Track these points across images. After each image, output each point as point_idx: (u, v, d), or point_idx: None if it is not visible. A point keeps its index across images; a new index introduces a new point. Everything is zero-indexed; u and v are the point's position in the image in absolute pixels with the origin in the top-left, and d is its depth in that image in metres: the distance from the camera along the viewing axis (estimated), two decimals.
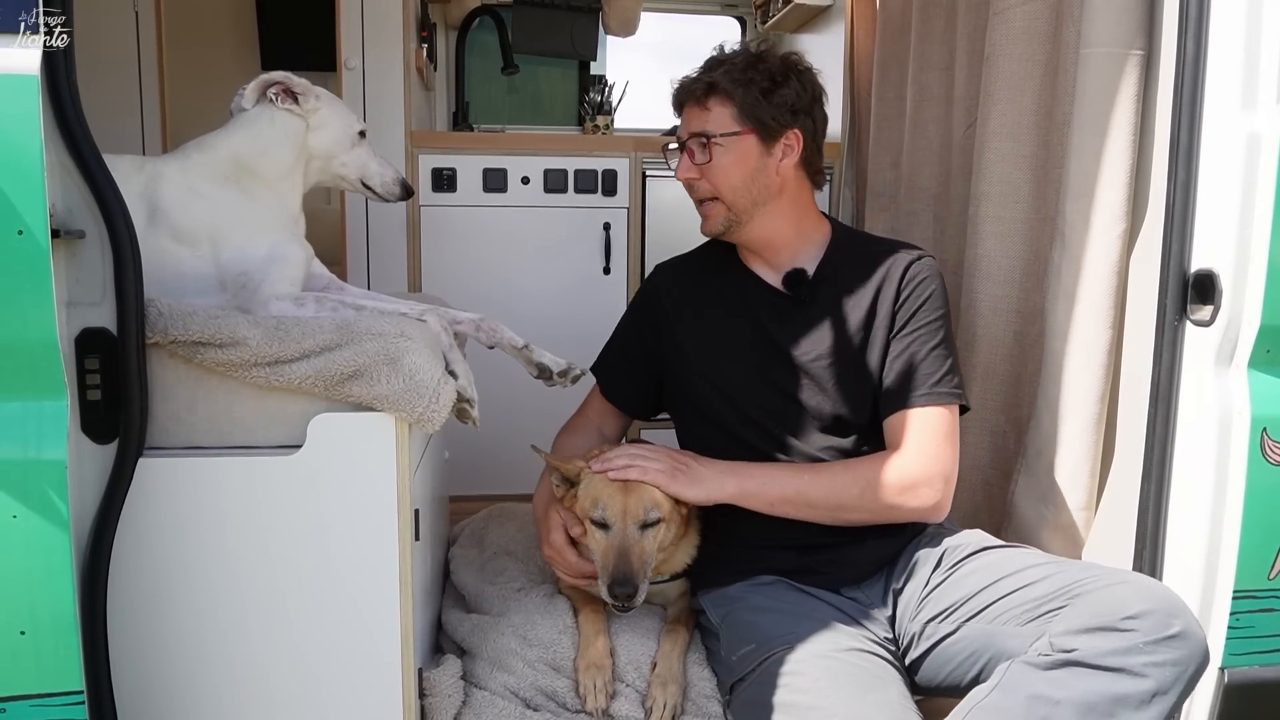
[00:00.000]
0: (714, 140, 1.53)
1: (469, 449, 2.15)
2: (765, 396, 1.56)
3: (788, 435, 1.55)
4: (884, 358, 1.54)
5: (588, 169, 2.63)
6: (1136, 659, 1.16)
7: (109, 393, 1.19)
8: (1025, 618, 1.29)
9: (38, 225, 1.07)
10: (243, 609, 1.29)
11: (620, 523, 1.43)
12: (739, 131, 1.53)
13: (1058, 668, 1.18)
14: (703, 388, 1.60)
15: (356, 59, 2.51)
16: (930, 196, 2.15)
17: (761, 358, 1.57)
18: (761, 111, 1.52)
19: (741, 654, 1.39)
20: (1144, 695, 1.16)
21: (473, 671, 1.48)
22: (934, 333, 1.54)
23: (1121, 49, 1.51)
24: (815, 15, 2.96)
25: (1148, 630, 1.16)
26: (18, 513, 1.11)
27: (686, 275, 1.70)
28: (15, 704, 1.14)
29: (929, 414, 1.50)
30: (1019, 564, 1.38)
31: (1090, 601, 1.22)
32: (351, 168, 1.60)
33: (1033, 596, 1.30)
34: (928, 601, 1.43)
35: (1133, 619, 1.17)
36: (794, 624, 1.38)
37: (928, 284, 1.56)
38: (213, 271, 1.41)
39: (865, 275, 1.57)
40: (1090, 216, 1.55)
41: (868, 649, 1.35)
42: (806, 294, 1.58)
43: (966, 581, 1.40)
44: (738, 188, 1.54)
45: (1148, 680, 1.15)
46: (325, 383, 1.26)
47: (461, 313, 1.57)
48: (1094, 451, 1.59)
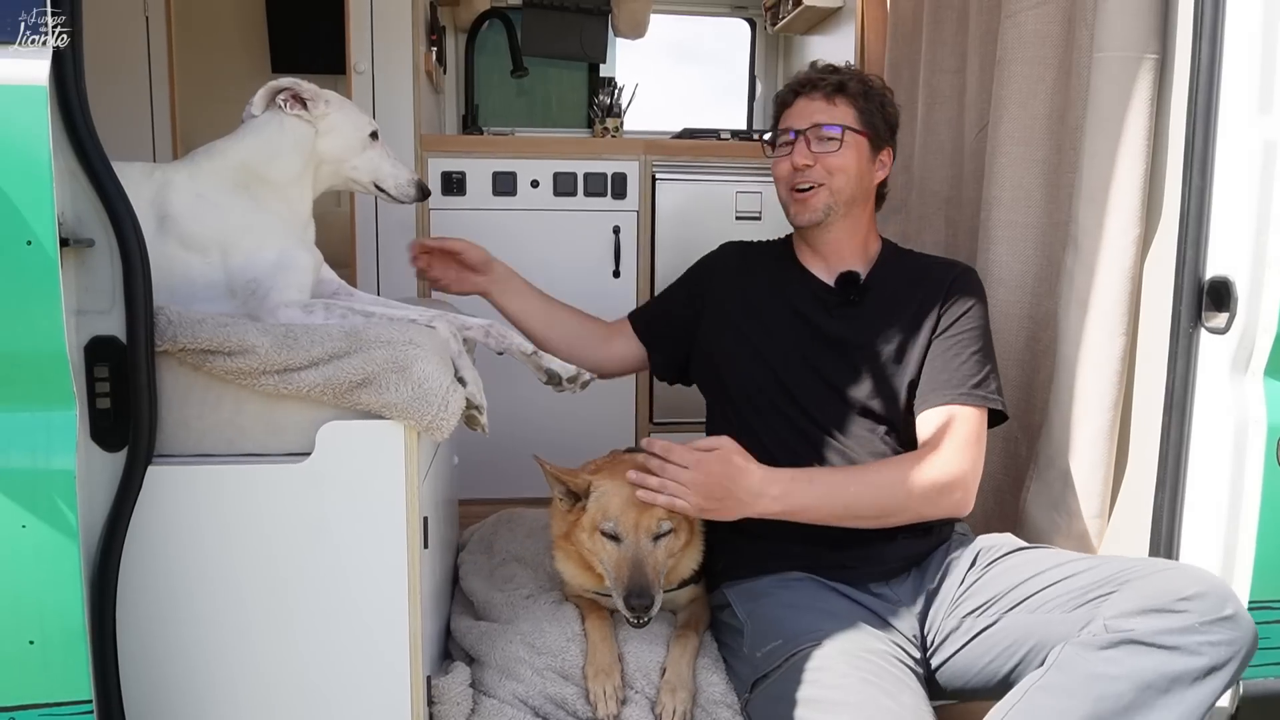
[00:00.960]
0: (847, 130, 1.61)
1: (478, 453, 2.14)
2: (805, 380, 1.60)
3: (822, 420, 1.58)
4: (924, 356, 1.58)
5: (597, 172, 2.62)
6: (1192, 638, 1.18)
7: (118, 401, 1.18)
8: (1071, 605, 1.31)
9: (46, 235, 1.07)
10: (252, 617, 1.28)
11: (633, 535, 1.42)
12: (860, 131, 1.63)
13: (1114, 646, 1.20)
14: (745, 364, 1.64)
15: (366, 62, 2.51)
16: (942, 201, 2.14)
17: (807, 345, 1.62)
18: (877, 121, 1.65)
19: (767, 650, 1.39)
20: (1199, 671, 1.18)
21: (482, 679, 1.47)
22: (974, 339, 1.58)
23: (1135, 53, 1.50)
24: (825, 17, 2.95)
25: (1202, 611, 1.19)
26: (27, 522, 1.11)
27: (747, 258, 1.78)
28: (24, 713, 1.14)
29: (962, 414, 1.53)
30: (1058, 559, 1.42)
31: (1141, 586, 1.25)
32: (363, 171, 1.59)
33: (1078, 585, 1.33)
34: (965, 597, 1.45)
35: (1187, 600, 1.20)
36: (821, 621, 1.38)
37: (971, 293, 1.62)
38: (222, 279, 1.41)
39: (913, 282, 1.64)
40: (1104, 222, 1.54)
41: (892, 652, 1.35)
42: (857, 295, 1.64)
43: (1005, 576, 1.43)
44: (851, 178, 1.63)
45: (1203, 657, 1.18)
46: (334, 391, 1.26)
47: (470, 318, 1.57)
48: (1107, 459, 1.58)
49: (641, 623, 1.39)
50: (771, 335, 1.64)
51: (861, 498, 1.46)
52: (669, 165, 2.67)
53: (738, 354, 1.66)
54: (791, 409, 1.59)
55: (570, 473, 1.51)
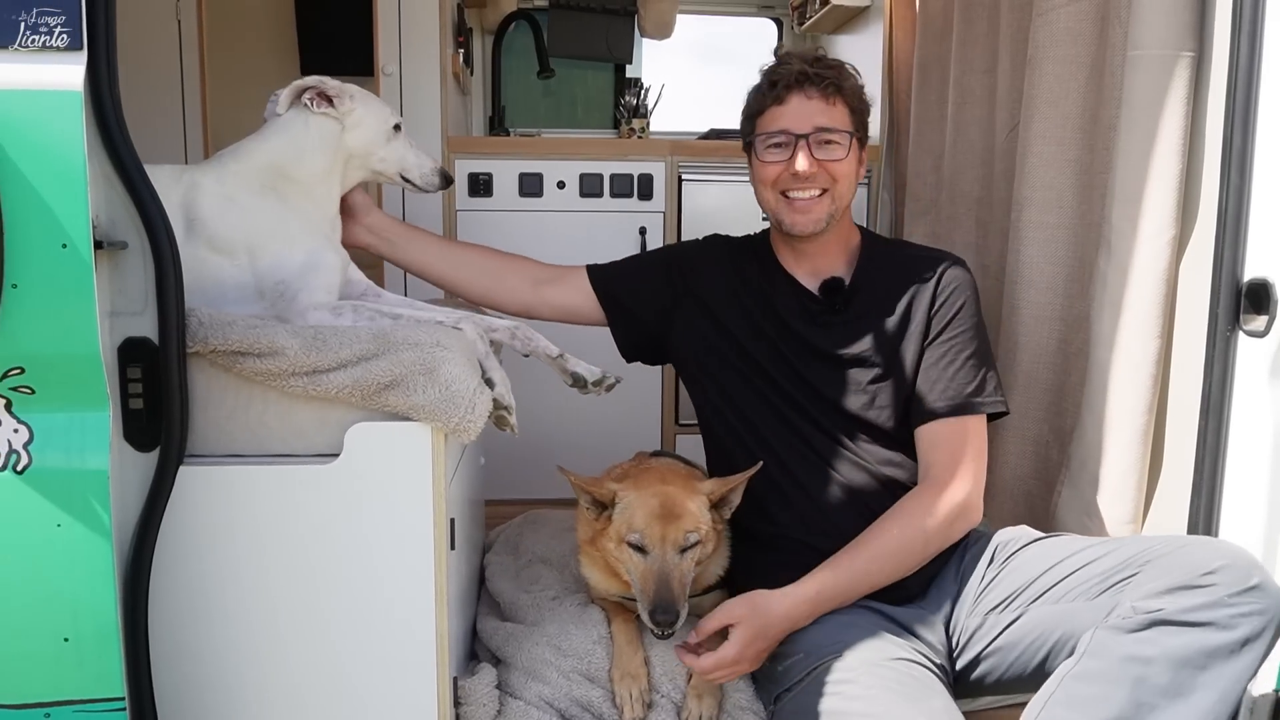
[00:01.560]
0: (854, 137, 1.55)
1: (504, 454, 2.15)
2: (800, 394, 1.55)
3: (821, 434, 1.54)
4: (917, 365, 1.54)
5: (623, 173, 2.62)
6: (1223, 612, 1.16)
7: (150, 402, 1.20)
8: (1095, 591, 1.29)
9: (81, 238, 1.09)
10: (280, 616, 1.30)
11: (659, 548, 1.41)
12: (854, 134, 1.56)
13: (1145, 628, 1.18)
14: (726, 367, 1.60)
15: (394, 65, 2.52)
16: (972, 201, 2.12)
17: (797, 358, 1.56)
18: (863, 122, 1.58)
19: (788, 664, 1.38)
20: (1235, 644, 1.16)
21: (508, 681, 1.48)
22: (968, 342, 1.54)
23: (1171, 51, 1.47)
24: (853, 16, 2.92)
25: (1229, 583, 1.17)
26: (62, 521, 1.13)
27: (734, 258, 1.68)
28: (59, 709, 1.16)
29: (959, 426, 1.50)
30: (1075, 546, 1.39)
31: (1164, 565, 1.23)
32: (390, 162, 1.60)
33: (1099, 571, 1.31)
34: (985, 595, 1.43)
35: (1212, 574, 1.18)
36: (842, 633, 1.37)
37: (961, 292, 1.56)
38: (251, 280, 1.42)
39: (900, 283, 1.57)
40: (1138, 223, 1.51)
41: (915, 659, 1.34)
42: (841, 303, 1.58)
43: (1024, 570, 1.41)
44: (851, 185, 1.58)
45: (1237, 630, 1.16)
46: (362, 392, 1.26)
47: (497, 320, 1.57)
48: (1141, 464, 1.55)
49: (666, 635, 1.39)
50: (764, 343, 1.58)
51: (884, 570, 1.43)
52: (695, 166, 2.66)
53: (730, 366, 1.60)
54: (790, 424, 1.55)
55: (595, 482, 1.50)
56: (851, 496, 1.51)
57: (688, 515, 1.42)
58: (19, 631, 1.14)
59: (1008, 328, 1.83)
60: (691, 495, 1.46)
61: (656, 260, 1.76)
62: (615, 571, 1.50)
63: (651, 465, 1.59)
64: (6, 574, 1.13)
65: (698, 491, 1.47)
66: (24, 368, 1.12)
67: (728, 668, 1.38)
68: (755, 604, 1.40)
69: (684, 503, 1.43)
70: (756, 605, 1.40)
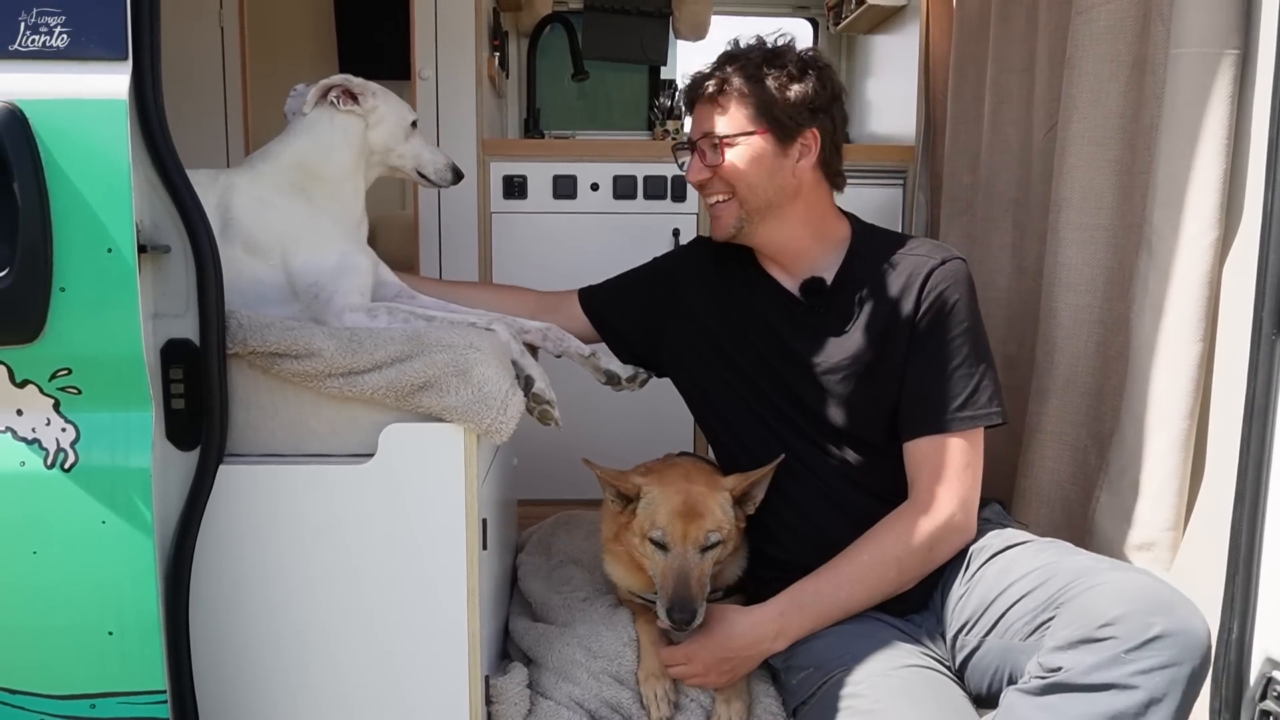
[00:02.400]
0: (727, 140, 1.48)
1: (537, 454, 2.16)
2: (776, 399, 1.53)
3: (795, 440, 1.52)
4: (902, 374, 1.48)
5: (657, 175, 2.62)
6: (1120, 670, 1.09)
7: (192, 402, 1.23)
8: (1025, 631, 1.26)
9: (126, 243, 1.12)
10: (315, 613, 1.32)
11: (680, 546, 1.41)
12: (753, 131, 1.47)
13: (1049, 693, 1.14)
14: (714, 377, 1.59)
15: (430, 69, 2.55)
16: (1009, 202, 2.09)
17: (777, 362, 1.53)
18: (777, 110, 1.46)
19: (801, 678, 1.38)
20: (1138, 707, 1.09)
21: (538, 680, 1.49)
22: (958, 349, 1.46)
23: (1215, 49, 1.44)
24: (890, 16, 2.90)
25: (1126, 636, 1.10)
26: (106, 518, 1.16)
27: (719, 261, 1.64)
28: (104, 700, 1.20)
29: (946, 444, 1.44)
30: (1026, 567, 1.32)
31: (1072, 610, 1.18)
32: (408, 159, 1.63)
33: (1031, 607, 1.26)
34: (956, 613, 1.40)
35: (1108, 625, 1.11)
36: (849, 644, 1.36)
37: (950, 293, 1.47)
38: (285, 281, 1.45)
39: (885, 284, 1.50)
40: (1180, 224, 1.48)
41: (924, 664, 1.33)
42: (823, 305, 1.52)
43: (982, 589, 1.37)
44: (753, 186, 1.49)
45: (1138, 691, 1.09)
46: (396, 393, 1.28)
47: (529, 321, 1.59)
48: (1182, 470, 1.52)
49: (682, 633, 1.39)
50: (751, 352, 1.55)
51: (855, 594, 1.40)
52: None
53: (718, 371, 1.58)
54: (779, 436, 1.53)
55: (620, 476, 1.51)
56: (842, 512, 1.48)
57: (710, 514, 1.43)
58: (66, 625, 1.18)
59: (1045, 330, 1.80)
60: (715, 493, 1.46)
61: (643, 277, 1.73)
62: (638, 568, 1.51)
63: (677, 462, 1.59)
64: (54, 569, 1.17)
65: (721, 488, 1.47)
66: (71, 368, 1.15)
67: (682, 666, 1.40)
68: (723, 615, 1.41)
69: (707, 501, 1.44)
70: (724, 616, 1.41)
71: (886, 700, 1.25)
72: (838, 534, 1.45)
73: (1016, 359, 2.02)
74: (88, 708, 1.19)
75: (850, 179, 1.65)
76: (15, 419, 1.16)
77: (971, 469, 1.44)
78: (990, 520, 1.53)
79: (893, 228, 2.63)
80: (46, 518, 1.16)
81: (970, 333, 1.48)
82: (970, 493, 1.44)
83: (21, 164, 1.08)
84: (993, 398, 1.47)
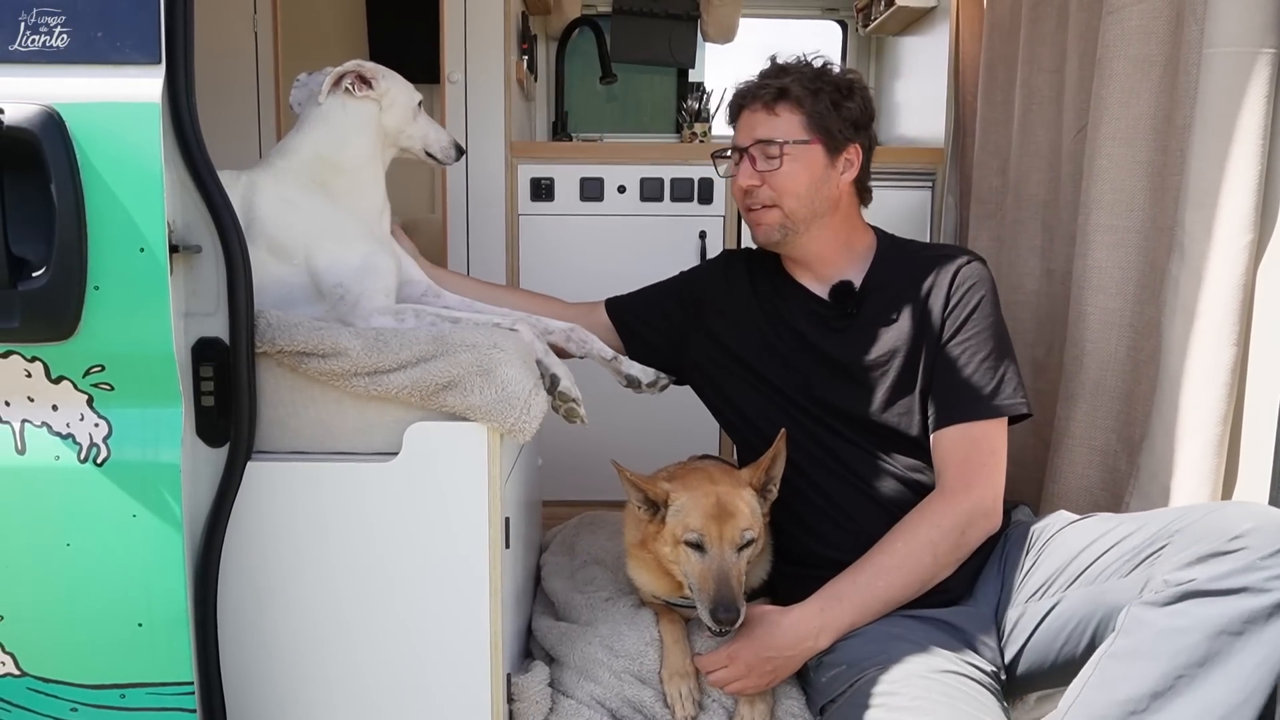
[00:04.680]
0: (785, 147, 1.52)
1: (562, 456, 2.17)
2: (806, 403, 1.55)
3: (828, 444, 1.53)
4: (932, 368, 1.51)
5: (684, 177, 2.62)
6: (1255, 575, 1.13)
7: (221, 399, 1.25)
8: (1127, 568, 1.27)
9: (158, 242, 1.14)
10: (339, 608, 1.34)
11: (718, 547, 1.41)
12: (808, 140, 1.53)
13: (1178, 601, 1.16)
14: (740, 385, 1.60)
15: (459, 72, 2.57)
16: (1039, 204, 2.07)
17: (812, 369, 1.56)
18: (830, 122, 1.53)
19: (833, 674, 1.38)
20: (1271, 608, 1.13)
21: (560, 679, 1.49)
22: (984, 342, 1.51)
23: (1250, 48, 1.42)
24: (919, 17, 2.88)
25: (1259, 546, 1.14)
26: (137, 512, 1.18)
27: (748, 271, 1.69)
28: (134, 690, 1.22)
29: (973, 432, 1.48)
30: (1109, 524, 1.37)
31: (1192, 533, 1.20)
32: (416, 139, 1.63)
33: (1131, 547, 1.29)
34: (1025, 584, 1.42)
35: (1240, 538, 1.15)
36: (886, 645, 1.35)
37: (976, 290, 1.53)
38: (309, 282, 1.46)
39: (912, 284, 1.55)
40: (1212, 226, 1.46)
41: (965, 672, 1.31)
42: (854, 307, 1.56)
43: (1059, 553, 1.39)
44: (801, 196, 1.53)
45: (1273, 593, 1.12)
46: (421, 393, 1.30)
47: (553, 322, 1.60)
48: (1214, 476, 1.49)
49: (724, 633, 1.39)
50: (776, 361, 1.58)
51: (893, 584, 1.42)
52: None
53: (745, 381, 1.60)
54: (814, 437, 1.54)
55: (649, 481, 1.51)
56: (883, 508, 1.49)
57: (742, 514, 1.43)
58: (96, 616, 1.20)
59: (1074, 334, 1.78)
60: (741, 491, 1.46)
61: (670, 290, 1.77)
62: (664, 573, 1.50)
63: (697, 466, 1.59)
64: (86, 561, 1.19)
65: (744, 484, 1.48)
66: (105, 365, 1.18)
67: (723, 670, 1.40)
68: (764, 615, 1.42)
69: (736, 501, 1.44)
70: (765, 615, 1.42)
71: (924, 699, 1.24)
72: (877, 533, 1.47)
73: (1045, 363, 2.00)
74: (117, 697, 1.21)
75: (879, 182, 1.68)
76: (51, 414, 1.19)
77: (997, 456, 1.48)
78: (1023, 521, 1.54)
79: (921, 230, 2.61)
80: (79, 511, 1.19)
81: (994, 328, 1.53)
82: (997, 478, 1.47)
83: (59, 166, 1.11)
84: (1017, 389, 1.51)
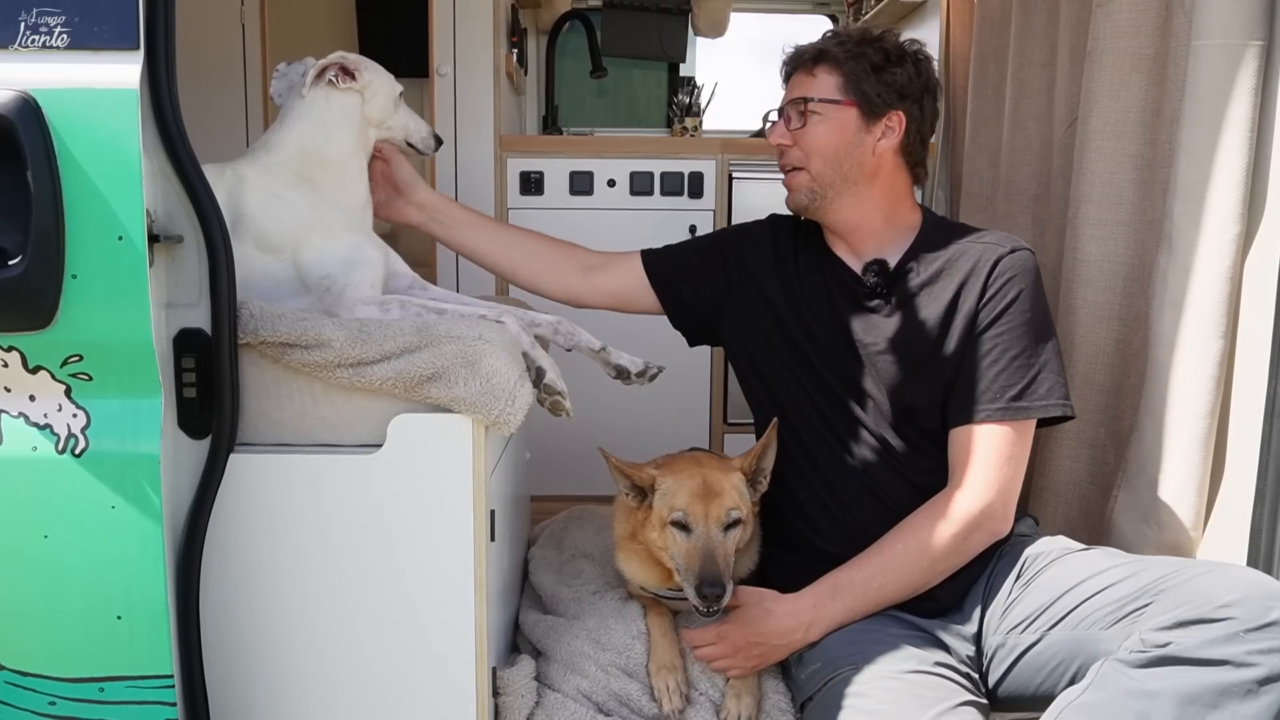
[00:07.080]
0: (811, 106, 1.49)
1: (551, 450, 2.17)
2: (830, 379, 1.52)
3: (844, 426, 1.51)
4: (960, 359, 1.46)
5: (674, 171, 2.62)
6: (1237, 648, 1.09)
7: (203, 391, 1.24)
8: (1110, 620, 1.24)
9: (136, 231, 1.12)
10: (324, 600, 1.32)
11: (703, 525, 1.41)
12: (840, 101, 1.49)
13: (1153, 665, 1.13)
14: (771, 354, 1.57)
15: (448, 65, 2.56)
16: (1029, 198, 2.06)
17: (833, 342, 1.52)
18: (867, 85, 1.48)
19: (810, 672, 1.38)
20: (1251, 682, 1.09)
21: (546, 673, 1.49)
22: (1018, 339, 1.44)
23: (1239, 40, 1.42)
24: (909, 11, 2.88)
25: (1245, 617, 1.10)
26: (115, 503, 1.17)
27: (790, 239, 1.64)
28: (112, 684, 1.21)
29: (991, 434, 1.42)
30: (1099, 565, 1.32)
31: (1178, 595, 1.17)
32: (397, 130, 1.60)
33: (1115, 597, 1.25)
34: (1009, 612, 1.38)
35: (1226, 607, 1.11)
36: (861, 645, 1.35)
37: (1016, 282, 1.45)
38: (296, 275, 1.45)
39: (950, 269, 1.49)
40: (1201, 219, 1.45)
41: (935, 671, 1.30)
42: (885, 286, 1.52)
43: (1046, 588, 1.35)
44: (828, 158, 1.50)
45: (1255, 669, 1.09)
46: (405, 384, 1.28)
47: (540, 315, 1.59)
48: (1202, 469, 1.49)
49: (711, 612, 1.37)
50: (806, 332, 1.54)
51: (888, 585, 1.39)
52: (746, 164, 2.64)
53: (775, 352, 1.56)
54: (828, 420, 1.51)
55: (635, 467, 1.51)
56: (886, 508, 1.47)
57: (727, 494, 1.42)
58: (75, 608, 1.19)
59: (1064, 327, 1.77)
60: (729, 473, 1.46)
61: (711, 244, 1.72)
62: (654, 564, 1.50)
63: (686, 454, 1.59)
64: (63, 553, 1.18)
65: (733, 469, 1.47)
66: (83, 355, 1.17)
67: (711, 646, 1.40)
68: (761, 596, 1.42)
69: (723, 482, 1.44)
70: (761, 599, 1.41)
71: (890, 702, 1.23)
72: (878, 529, 1.45)
73: None
74: (96, 691, 1.20)
75: None
76: (28, 404, 1.18)
77: (1014, 461, 1.42)
78: (1027, 535, 1.50)
79: None
80: (57, 502, 1.17)
81: (1032, 324, 1.45)
82: (1011, 484, 1.42)
83: (35, 153, 1.09)
84: (1051, 390, 1.44)
